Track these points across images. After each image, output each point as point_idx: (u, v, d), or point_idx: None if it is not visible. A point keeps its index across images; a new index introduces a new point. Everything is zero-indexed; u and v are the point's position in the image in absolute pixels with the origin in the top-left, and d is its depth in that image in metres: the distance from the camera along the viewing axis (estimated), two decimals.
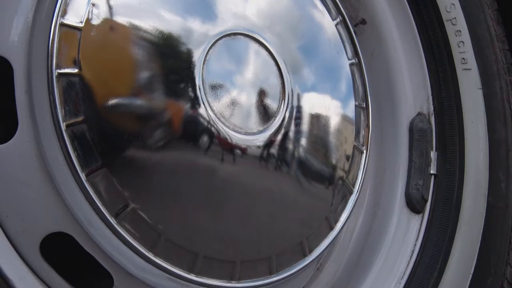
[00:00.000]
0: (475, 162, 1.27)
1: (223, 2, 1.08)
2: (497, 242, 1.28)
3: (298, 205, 1.12)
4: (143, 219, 0.99)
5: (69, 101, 0.95)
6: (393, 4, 1.26)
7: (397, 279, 1.21)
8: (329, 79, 1.15)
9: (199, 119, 1.02)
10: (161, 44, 1.02)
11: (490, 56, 1.31)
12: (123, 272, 1.02)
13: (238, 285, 1.07)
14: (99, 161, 0.96)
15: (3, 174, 0.96)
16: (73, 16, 0.98)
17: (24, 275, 0.95)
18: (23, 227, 0.97)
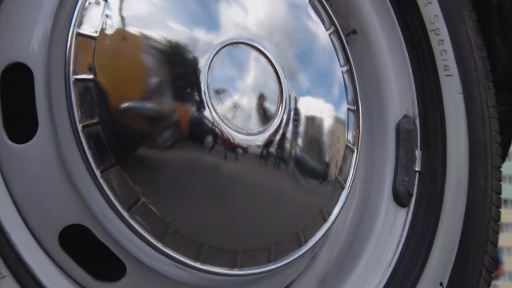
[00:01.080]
0: (456, 160, 1.27)
1: (226, 14, 1.08)
2: (476, 233, 1.29)
3: (295, 200, 1.12)
4: (153, 212, 0.99)
5: (85, 104, 0.95)
6: (382, 15, 1.26)
7: (385, 266, 1.21)
8: (323, 84, 1.15)
9: (204, 120, 1.02)
10: (169, 52, 1.02)
11: (470, 63, 1.31)
12: (135, 261, 1.01)
13: (239, 272, 1.07)
14: (112, 159, 0.96)
15: (24, 172, 0.96)
16: (88, 26, 0.97)
17: (43, 263, 0.95)
18: (43, 220, 0.97)
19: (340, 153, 1.16)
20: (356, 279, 1.22)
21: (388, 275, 1.22)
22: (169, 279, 1.04)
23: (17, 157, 0.97)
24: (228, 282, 1.09)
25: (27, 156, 0.97)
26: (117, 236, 0.99)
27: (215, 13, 1.07)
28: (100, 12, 0.99)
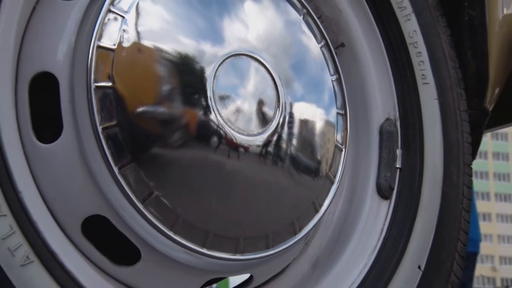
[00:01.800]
0: (432, 158, 1.27)
1: (229, 29, 1.07)
2: (450, 222, 1.29)
3: (290, 193, 1.12)
4: (165, 204, 0.98)
5: (104, 108, 0.95)
6: (367, 30, 1.26)
7: (369, 251, 1.21)
8: (315, 91, 1.15)
9: (210, 123, 1.02)
10: (179, 63, 1.02)
11: (444, 73, 1.32)
12: (149, 247, 1.01)
13: (241, 257, 1.07)
14: (129, 157, 0.95)
15: (50, 169, 0.96)
16: (107, 40, 0.97)
17: (67, 250, 0.94)
18: (67, 211, 0.97)
19: (330, 152, 1.16)
20: (344, 262, 1.22)
21: (372, 259, 1.21)
22: (179, 263, 1.03)
23: (44, 156, 0.96)
24: (231, 266, 1.09)
25: (53, 155, 0.96)
26: (133, 225, 0.98)
27: (220, 28, 1.07)
28: (118, 27, 0.98)
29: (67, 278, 0.89)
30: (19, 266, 0.84)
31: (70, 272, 0.90)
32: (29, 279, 0.84)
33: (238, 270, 1.14)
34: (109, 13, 0.98)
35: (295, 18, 1.15)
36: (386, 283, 1.19)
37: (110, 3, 0.98)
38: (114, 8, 0.98)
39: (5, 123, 0.89)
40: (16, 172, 0.88)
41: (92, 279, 0.94)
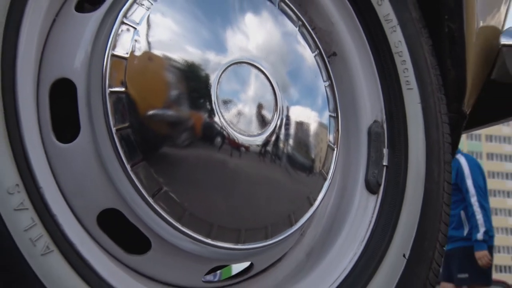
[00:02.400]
0: (416, 157, 1.27)
1: (232, 39, 1.07)
2: (432, 215, 1.29)
3: (287, 188, 1.11)
4: (173, 198, 0.98)
5: (118, 111, 0.94)
6: (357, 41, 1.26)
7: (359, 241, 1.21)
8: (309, 96, 1.15)
9: (214, 125, 1.01)
10: (186, 70, 1.01)
11: (427, 79, 1.32)
12: (158, 238, 1.00)
13: (243, 247, 1.06)
14: (140, 156, 0.95)
15: (69, 166, 0.95)
16: (121, 49, 0.96)
17: (84, 240, 0.93)
18: (84, 205, 0.96)
19: (323, 151, 1.15)
20: (336, 251, 1.21)
21: (361, 249, 1.21)
22: (185, 252, 1.03)
23: (63, 155, 0.95)
24: (233, 255, 1.08)
25: (71, 154, 0.95)
26: (144, 218, 0.97)
27: (223, 38, 1.06)
28: (130, 37, 0.97)
29: (84, 266, 0.88)
30: (40, 255, 0.83)
31: (87, 261, 0.89)
32: (49, 267, 0.83)
33: (239, 258, 1.13)
34: (122, 25, 0.97)
35: (291, 29, 1.15)
36: (374, 270, 1.19)
37: (123, 16, 0.98)
38: (126, 20, 0.98)
39: (27, 125, 0.88)
40: (37, 170, 0.87)
41: (107, 267, 0.94)
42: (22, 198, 0.83)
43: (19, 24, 0.88)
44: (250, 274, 1.17)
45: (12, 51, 0.87)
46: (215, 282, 1.15)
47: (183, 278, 1.07)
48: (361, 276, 1.18)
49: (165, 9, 1.01)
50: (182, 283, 1.07)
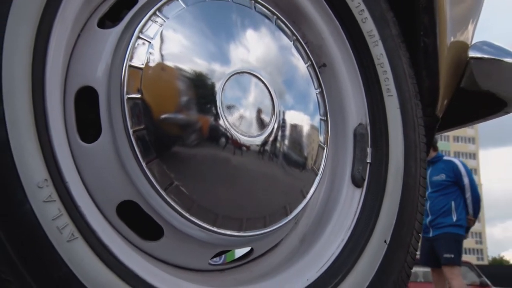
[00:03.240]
0: (395, 155, 1.27)
1: (234, 52, 1.07)
2: (409, 205, 1.29)
3: (283, 182, 1.11)
4: (183, 192, 0.97)
5: (134, 115, 0.94)
6: (344, 53, 1.26)
7: (346, 229, 1.21)
8: (302, 101, 1.15)
9: (219, 127, 1.01)
10: (194, 79, 1.00)
11: (405, 87, 1.32)
12: (170, 226, 0.99)
13: (244, 234, 1.06)
14: (154, 154, 0.94)
15: (92, 163, 0.95)
16: (137, 60, 0.96)
17: (105, 228, 0.92)
18: (105, 197, 0.96)
19: (314, 150, 1.15)
20: (326, 238, 1.20)
21: (348, 235, 1.20)
22: (194, 239, 1.02)
23: (86, 153, 0.94)
24: (236, 241, 1.07)
25: (93, 152, 0.95)
26: (157, 208, 0.96)
27: (226, 51, 1.06)
28: (145, 50, 0.96)
29: (105, 251, 0.87)
30: (66, 241, 0.82)
31: (107, 246, 0.88)
32: (73, 252, 0.82)
33: (241, 244, 1.12)
34: (138, 39, 0.97)
35: (286, 43, 1.15)
36: (359, 254, 1.18)
37: (139, 31, 0.97)
38: (142, 35, 0.97)
39: (55, 127, 0.87)
40: (64, 166, 0.86)
41: (125, 252, 0.92)
42: (50, 191, 0.81)
43: (48, 38, 0.87)
44: (250, 258, 1.16)
45: (41, 62, 0.86)
46: (220, 265, 1.14)
47: (192, 261, 1.07)
48: (348, 259, 1.17)
49: (176, 26, 1.01)
50: (191, 266, 1.07)
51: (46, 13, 0.86)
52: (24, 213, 0.79)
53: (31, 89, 0.83)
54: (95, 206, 0.94)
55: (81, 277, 0.82)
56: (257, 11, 1.11)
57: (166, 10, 1.00)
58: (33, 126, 0.82)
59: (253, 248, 1.15)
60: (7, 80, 0.80)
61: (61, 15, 0.90)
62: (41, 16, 0.85)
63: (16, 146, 0.79)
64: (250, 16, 1.10)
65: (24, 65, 0.82)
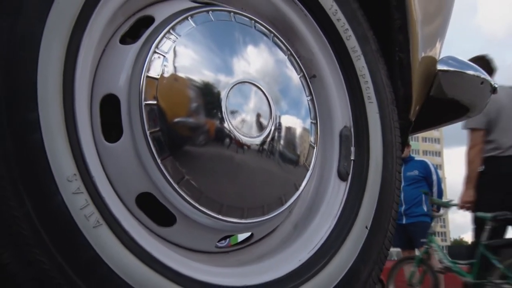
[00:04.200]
0: (375, 153, 1.27)
1: (237, 65, 1.06)
2: (386, 196, 1.28)
3: (279, 176, 1.10)
4: (193, 185, 0.96)
5: (151, 119, 0.93)
6: (331, 66, 1.25)
7: (332, 217, 1.19)
8: (295, 107, 1.14)
9: (224, 129, 1.00)
10: (203, 88, 0.99)
11: (383, 95, 1.31)
12: (182, 215, 0.98)
13: (245, 221, 1.05)
14: (168, 152, 0.93)
15: (115, 160, 0.94)
16: (153, 72, 0.95)
17: (126, 216, 0.91)
18: (125, 189, 0.95)
19: (306, 149, 1.14)
20: (315, 225, 1.19)
21: (334, 223, 1.19)
22: (202, 225, 1.01)
23: (110, 151, 0.94)
24: (238, 227, 1.06)
25: (116, 151, 0.94)
26: (171, 199, 0.95)
27: (230, 64, 1.04)
28: (160, 63, 0.96)
29: (125, 236, 0.86)
30: (92, 227, 0.81)
31: (128, 232, 0.87)
32: (99, 237, 0.82)
33: (243, 230, 1.11)
34: (154, 54, 0.96)
35: (282, 57, 1.14)
36: (344, 238, 1.17)
37: (155, 47, 0.96)
38: (158, 50, 0.96)
39: (83, 129, 0.86)
40: (90, 163, 0.85)
41: (143, 237, 0.91)
42: (79, 184, 0.81)
43: (77, 53, 0.86)
44: (251, 241, 1.16)
45: (71, 74, 0.85)
46: (225, 247, 1.13)
47: (200, 244, 1.06)
48: (335, 243, 1.16)
49: (187, 42, 1.00)
50: (200, 248, 1.06)
51: (75, 32, 0.85)
52: (56, 203, 0.78)
53: (62, 96, 0.82)
54: (117, 197, 0.93)
55: (105, 258, 0.81)
56: (256, 30, 1.11)
57: (178, 29, 0.99)
58: (63, 128, 0.81)
59: (253, 233, 1.14)
60: (41, 89, 0.79)
61: (88, 33, 0.89)
62: (71, 34, 0.84)
63: (49, 146, 0.79)
64: (251, 34, 1.09)
65: (56, 76, 0.82)
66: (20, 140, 0.77)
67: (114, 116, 0.94)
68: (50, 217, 0.77)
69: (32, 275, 0.76)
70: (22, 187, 0.76)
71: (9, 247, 0.74)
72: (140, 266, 0.85)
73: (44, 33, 0.81)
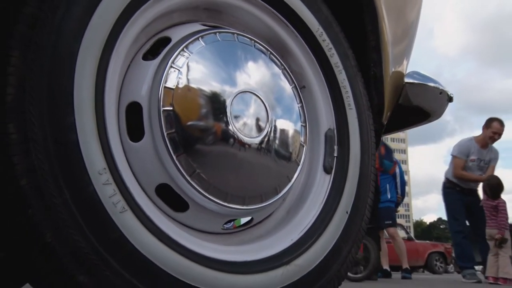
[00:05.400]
0: (354, 151, 1.25)
1: (240, 77, 1.04)
2: (363, 187, 1.26)
3: (274, 170, 1.09)
4: (203, 177, 0.95)
5: (168, 122, 0.92)
6: (318, 78, 1.24)
7: (318, 204, 1.18)
8: (288, 112, 1.12)
9: (228, 131, 0.99)
10: (211, 96, 0.98)
11: (360, 103, 1.30)
12: (194, 202, 0.97)
13: (247, 207, 1.04)
14: (182, 150, 0.92)
15: (138, 156, 0.93)
16: (170, 83, 0.94)
17: (147, 204, 0.91)
18: (147, 181, 0.94)
19: (297, 147, 1.13)
20: (305, 210, 1.18)
21: (320, 208, 1.18)
22: (210, 211, 1.00)
23: (134, 150, 0.93)
24: (241, 213, 1.05)
25: (139, 149, 0.93)
26: (184, 189, 0.95)
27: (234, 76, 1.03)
28: (176, 76, 0.95)
29: (147, 220, 0.86)
30: (119, 213, 0.80)
31: (149, 216, 0.87)
32: (124, 220, 0.81)
33: (244, 215, 1.10)
34: (171, 68, 0.95)
35: (277, 71, 1.13)
36: (328, 222, 1.16)
37: (172, 62, 0.96)
38: (174, 65, 0.96)
39: (111, 131, 0.86)
40: (118, 159, 0.85)
41: (162, 220, 0.91)
42: (108, 177, 0.80)
43: (106, 68, 0.86)
44: (251, 224, 1.15)
45: (101, 85, 0.84)
46: (229, 229, 1.12)
47: (209, 227, 1.05)
48: (320, 225, 1.15)
49: (198, 59, 0.99)
50: (209, 230, 1.05)
51: (106, 50, 0.85)
52: (89, 192, 0.78)
53: (94, 104, 0.82)
54: (139, 187, 0.92)
55: (130, 238, 0.81)
56: (255, 48, 1.10)
57: (191, 47, 0.99)
58: (95, 130, 0.81)
59: (253, 217, 1.14)
60: (77, 98, 0.79)
61: (116, 51, 0.88)
62: (102, 52, 0.84)
63: (84, 145, 0.78)
64: (251, 52, 1.08)
65: (89, 87, 0.81)
66: (59, 140, 0.76)
67: (137, 120, 0.94)
68: (84, 204, 0.77)
69: (69, 251, 0.75)
70: (61, 179, 0.75)
71: (51, 229, 0.74)
72: (159, 244, 0.85)
73: (80, 51, 0.80)
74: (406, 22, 1.58)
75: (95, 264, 0.77)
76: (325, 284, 1.11)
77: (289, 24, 1.19)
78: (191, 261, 0.88)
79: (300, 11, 1.19)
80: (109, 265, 0.78)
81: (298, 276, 1.05)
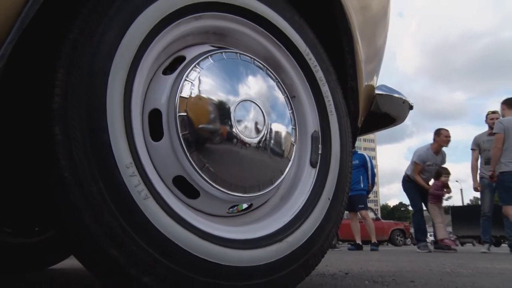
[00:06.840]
0: (335, 149, 1.24)
1: (242, 88, 1.03)
2: (342, 178, 1.25)
3: (270, 165, 1.08)
4: (211, 170, 0.94)
5: (182, 125, 0.91)
6: (306, 90, 1.23)
7: (306, 192, 1.17)
8: (281, 117, 1.11)
9: (232, 132, 0.98)
10: (218, 104, 0.98)
11: (340, 110, 1.29)
12: (204, 191, 0.97)
13: (247, 195, 1.03)
14: (194, 148, 0.92)
15: (158, 153, 0.92)
16: (184, 93, 0.94)
17: (166, 192, 0.90)
18: (165, 173, 0.93)
19: (288, 146, 1.12)
20: (294, 198, 1.18)
21: (307, 196, 1.17)
22: (217, 198, 1.00)
23: (155, 148, 0.92)
24: (242, 199, 1.05)
25: (159, 147, 0.92)
26: (195, 180, 0.94)
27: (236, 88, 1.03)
28: (189, 87, 0.94)
29: (166, 205, 0.85)
30: (143, 199, 0.80)
31: (167, 203, 0.86)
32: (147, 206, 0.81)
33: (245, 201, 1.10)
34: (185, 81, 0.95)
35: (272, 83, 1.12)
36: (313, 207, 1.15)
37: (186, 76, 0.95)
38: (187, 78, 0.95)
39: (137, 132, 0.86)
40: (142, 155, 0.85)
41: (177, 205, 0.90)
42: (134, 170, 0.80)
43: (133, 81, 0.86)
44: (251, 209, 1.14)
45: (129, 95, 0.84)
46: (233, 213, 1.11)
47: (216, 211, 1.04)
48: (307, 210, 1.14)
49: (207, 73, 0.99)
50: (216, 213, 1.05)
51: (132, 67, 0.85)
52: (119, 182, 0.78)
53: (123, 111, 0.81)
54: (159, 179, 0.91)
55: (152, 220, 0.81)
56: (255, 65, 1.09)
57: (201, 64, 0.98)
58: (124, 132, 0.81)
59: (252, 203, 1.13)
60: (109, 106, 0.79)
61: (141, 68, 0.88)
62: (129, 68, 0.84)
63: (114, 144, 0.78)
64: (251, 68, 1.08)
65: (119, 97, 0.81)
66: (95, 140, 0.77)
67: (157, 124, 0.93)
68: (114, 191, 0.77)
69: (104, 232, 0.76)
70: (96, 172, 0.76)
71: (89, 213, 0.74)
72: (175, 225, 0.84)
73: (112, 68, 0.80)
74: (376, 45, 1.58)
75: (124, 241, 0.77)
76: (311, 256, 1.11)
77: (282, 45, 1.19)
78: (202, 239, 0.88)
79: (291, 35, 1.19)
80: (135, 242, 0.78)
81: (289, 250, 1.05)
